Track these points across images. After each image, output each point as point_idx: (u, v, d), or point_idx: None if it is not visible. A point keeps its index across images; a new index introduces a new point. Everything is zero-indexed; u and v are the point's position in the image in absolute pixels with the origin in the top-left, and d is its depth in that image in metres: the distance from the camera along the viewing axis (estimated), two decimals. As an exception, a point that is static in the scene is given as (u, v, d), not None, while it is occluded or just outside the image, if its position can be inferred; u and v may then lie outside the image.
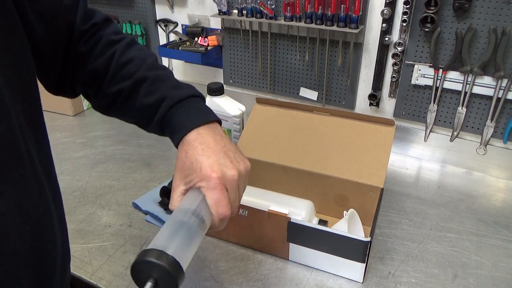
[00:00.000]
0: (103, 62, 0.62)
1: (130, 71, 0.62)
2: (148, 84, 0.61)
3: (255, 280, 0.80)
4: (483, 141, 1.13)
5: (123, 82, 0.61)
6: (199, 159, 0.54)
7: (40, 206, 0.49)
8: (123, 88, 0.61)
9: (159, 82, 0.62)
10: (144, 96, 0.61)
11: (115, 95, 0.62)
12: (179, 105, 0.60)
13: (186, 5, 1.45)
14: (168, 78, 0.63)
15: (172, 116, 0.59)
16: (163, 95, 0.60)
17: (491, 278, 0.81)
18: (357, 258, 0.77)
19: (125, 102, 0.62)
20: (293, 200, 0.89)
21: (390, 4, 1.09)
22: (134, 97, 0.61)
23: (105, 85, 0.63)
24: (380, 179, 0.88)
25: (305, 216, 0.83)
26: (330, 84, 1.30)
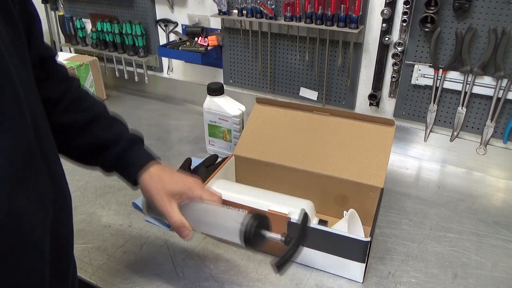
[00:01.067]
0: (58, 92, 0.65)
1: (86, 105, 0.67)
2: (106, 119, 0.69)
3: (255, 280, 0.80)
4: (483, 141, 1.13)
5: (78, 115, 0.66)
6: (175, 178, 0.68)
7: (56, 202, 0.51)
8: (78, 120, 0.66)
9: (115, 120, 0.70)
10: (101, 130, 0.67)
11: (66, 125, 0.65)
12: (136, 145, 0.70)
13: (186, 5, 1.45)
14: (122, 121, 0.72)
15: (132, 152, 0.68)
16: (121, 132, 0.68)
17: (491, 278, 0.81)
18: (357, 258, 0.77)
19: (77, 133, 0.66)
20: (293, 200, 0.89)
21: (390, 4, 1.09)
22: (90, 129, 0.66)
23: (55, 114, 0.64)
24: (380, 179, 0.88)
25: None
26: (330, 84, 1.30)
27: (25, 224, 0.45)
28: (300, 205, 0.86)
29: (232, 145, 1.17)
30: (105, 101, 1.62)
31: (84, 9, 1.66)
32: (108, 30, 1.55)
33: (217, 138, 1.20)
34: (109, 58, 1.67)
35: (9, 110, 0.42)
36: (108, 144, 0.67)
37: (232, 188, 0.92)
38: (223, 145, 1.20)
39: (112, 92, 1.71)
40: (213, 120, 1.17)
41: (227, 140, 1.18)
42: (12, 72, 0.43)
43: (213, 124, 1.18)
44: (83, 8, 1.66)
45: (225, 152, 1.20)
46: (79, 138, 0.66)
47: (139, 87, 1.70)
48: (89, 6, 1.64)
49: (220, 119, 1.15)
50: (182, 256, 0.86)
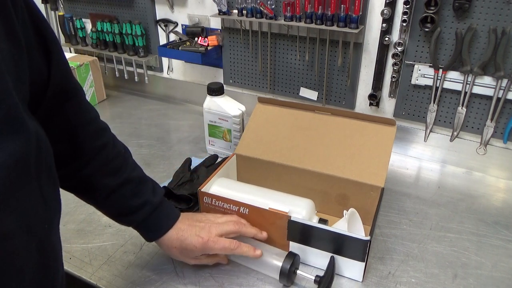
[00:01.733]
0: (94, 147, 0.67)
1: (117, 166, 0.71)
2: (134, 186, 0.72)
3: (255, 280, 0.80)
4: (483, 141, 1.13)
5: (110, 178, 0.69)
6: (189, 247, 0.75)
7: (45, 221, 0.49)
8: (109, 185, 0.69)
9: (143, 184, 0.74)
10: (129, 197, 0.71)
11: (96, 187, 0.68)
12: (160, 208, 0.75)
13: (186, 5, 1.45)
14: (143, 177, 0.76)
15: (152, 219, 0.74)
16: (146, 200, 0.73)
17: (491, 278, 0.81)
18: (356, 257, 0.77)
19: (105, 196, 0.70)
20: (293, 198, 0.89)
21: (390, 4, 1.09)
22: (117, 195, 0.70)
23: (87, 172, 0.67)
24: (381, 178, 0.88)
25: (305, 215, 0.83)
26: (330, 84, 1.30)
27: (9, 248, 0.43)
28: (301, 204, 0.86)
29: (232, 145, 1.17)
30: (105, 101, 1.62)
31: (84, 9, 1.66)
32: (108, 30, 1.55)
33: (217, 138, 1.20)
34: (109, 58, 1.67)
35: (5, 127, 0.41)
36: (133, 210, 0.72)
37: (233, 187, 0.92)
38: (223, 145, 1.20)
39: (112, 92, 1.71)
40: (213, 120, 1.17)
41: (227, 140, 1.18)
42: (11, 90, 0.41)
43: (213, 124, 1.18)
44: (83, 8, 1.66)
45: (225, 152, 1.20)
46: (105, 200, 0.70)
47: (139, 87, 1.70)
48: (89, 6, 1.64)
49: (220, 119, 1.15)
50: (182, 256, 0.85)
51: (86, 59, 1.55)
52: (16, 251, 0.44)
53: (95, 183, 0.68)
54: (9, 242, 0.42)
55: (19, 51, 0.46)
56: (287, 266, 0.76)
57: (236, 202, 0.84)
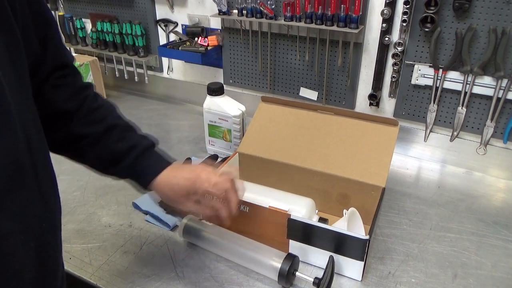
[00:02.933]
0: (75, 103, 0.66)
1: (101, 116, 0.68)
2: (120, 130, 0.70)
3: (255, 280, 0.80)
4: (483, 141, 1.13)
5: (94, 126, 0.67)
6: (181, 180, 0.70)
7: (44, 221, 0.49)
8: (94, 132, 0.67)
9: (130, 130, 0.71)
10: (116, 141, 0.68)
11: (82, 136, 0.66)
12: (149, 150, 0.71)
13: (186, 5, 1.45)
14: (135, 127, 0.73)
15: (142, 162, 0.70)
16: (135, 142, 0.69)
17: (491, 278, 0.81)
18: (356, 256, 0.77)
19: (92, 144, 0.67)
20: (293, 197, 0.89)
21: (390, 4, 1.09)
22: (103, 141, 0.68)
23: (73, 125, 0.66)
24: (382, 178, 0.88)
25: (305, 213, 0.84)
26: (330, 84, 1.30)
27: (5, 249, 0.42)
28: (301, 203, 0.86)
29: (232, 145, 1.17)
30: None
31: (84, 9, 1.66)
32: (108, 30, 1.55)
33: (217, 138, 1.20)
34: (109, 58, 1.67)
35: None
36: (121, 156, 0.68)
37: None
38: (223, 145, 1.20)
39: (112, 92, 1.71)
40: (213, 120, 1.17)
41: (227, 140, 1.18)
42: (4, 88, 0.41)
43: (213, 124, 1.18)
44: (83, 8, 1.66)
45: (225, 152, 1.20)
46: (93, 150, 0.68)
47: (139, 87, 1.70)
48: (89, 6, 1.64)
49: (220, 119, 1.15)
50: (182, 256, 0.85)
51: (86, 59, 1.55)
52: (13, 252, 0.43)
53: (80, 134, 0.66)
54: (6, 243, 0.42)
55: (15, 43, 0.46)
56: (286, 267, 0.75)
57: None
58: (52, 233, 0.52)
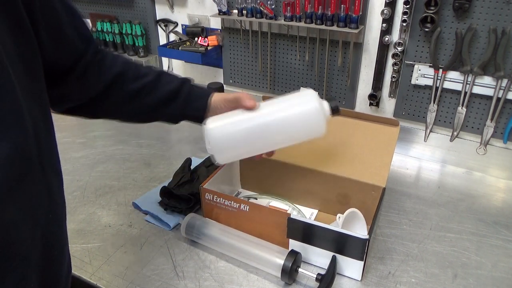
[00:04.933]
0: (120, 64, 0.72)
1: (147, 69, 0.76)
2: (167, 75, 0.77)
3: (255, 280, 0.80)
4: (483, 141, 1.13)
5: (145, 78, 0.74)
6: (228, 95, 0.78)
7: (50, 212, 0.50)
8: (147, 81, 0.74)
9: (173, 75, 0.79)
10: (167, 83, 0.76)
11: (139, 89, 0.73)
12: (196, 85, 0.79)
13: (186, 5, 1.45)
14: (172, 73, 0.81)
15: (196, 88, 0.79)
16: (183, 80, 0.78)
17: (491, 278, 0.81)
18: (356, 256, 0.77)
19: (149, 93, 0.74)
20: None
21: (390, 4, 1.09)
22: (157, 87, 0.75)
23: (127, 84, 0.72)
24: (382, 178, 0.88)
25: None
26: (330, 84, 1.30)
27: (14, 237, 0.44)
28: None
29: (232, 145, 1.17)
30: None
31: (84, 9, 1.66)
32: (108, 30, 1.55)
33: (217, 138, 1.20)
34: (109, 58, 1.67)
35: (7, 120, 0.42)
36: (176, 91, 0.76)
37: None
38: (223, 145, 1.20)
39: (112, 92, 1.71)
40: (213, 120, 1.17)
41: (227, 140, 1.18)
42: (14, 82, 0.43)
43: (213, 124, 1.17)
44: (83, 8, 1.66)
45: (225, 152, 1.20)
46: (151, 96, 0.74)
47: (139, 87, 1.70)
48: (89, 6, 1.64)
49: (220, 119, 1.15)
50: (182, 256, 0.86)
51: (86, 59, 1.55)
52: (21, 240, 0.45)
53: (136, 88, 0.73)
54: (14, 231, 0.44)
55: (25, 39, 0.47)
56: (289, 264, 0.76)
57: (236, 199, 0.85)
58: (57, 224, 0.53)
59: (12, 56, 0.44)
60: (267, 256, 0.79)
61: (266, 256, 0.79)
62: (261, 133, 0.72)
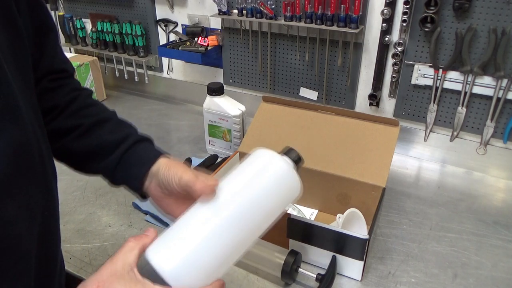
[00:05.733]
0: (66, 99, 0.63)
1: (93, 112, 0.64)
2: (113, 123, 0.64)
3: (255, 280, 0.80)
4: (483, 141, 1.13)
5: (84, 119, 0.62)
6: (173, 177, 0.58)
7: (46, 209, 0.50)
8: (83, 123, 0.62)
9: (123, 125, 0.65)
10: (106, 133, 0.62)
11: (70, 129, 0.62)
12: (145, 142, 0.63)
13: (186, 5, 1.45)
14: (130, 123, 0.66)
15: (140, 149, 0.62)
16: (128, 133, 0.63)
17: (491, 278, 0.81)
18: (356, 256, 0.77)
19: (80, 136, 0.62)
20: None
21: (390, 4, 1.09)
22: (92, 132, 0.62)
23: (60, 119, 0.62)
24: (382, 178, 0.88)
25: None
26: (330, 84, 1.30)
27: (13, 233, 0.44)
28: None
29: (232, 145, 1.17)
30: (105, 101, 1.62)
31: (84, 9, 1.66)
32: (108, 30, 1.55)
33: (217, 138, 1.20)
34: (109, 58, 1.67)
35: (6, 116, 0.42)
36: (113, 145, 0.62)
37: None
38: (223, 145, 1.20)
39: (112, 92, 1.71)
40: (213, 120, 1.17)
41: (227, 140, 1.18)
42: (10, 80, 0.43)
43: (213, 124, 1.18)
44: (83, 8, 1.66)
45: (225, 152, 1.20)
46: (82, 141, 0.62)
47: (139, 87, 1.70)
48: (89, 6, 1.64)
49: (220, 119, 1.16)
50: (182, 256, 0.85)
51: (86, 59, 1.55)
52: (20, 236, 0.45)
53: (69, 127, 0.62)
54: (13, 227, 0.44)
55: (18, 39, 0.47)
56: (289, 263, 0.76)
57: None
58: (53, 222, 0.53)
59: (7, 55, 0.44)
60: (267, 256, 0.79)
61: (266, 256, 0.79)
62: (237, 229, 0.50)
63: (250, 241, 0.52)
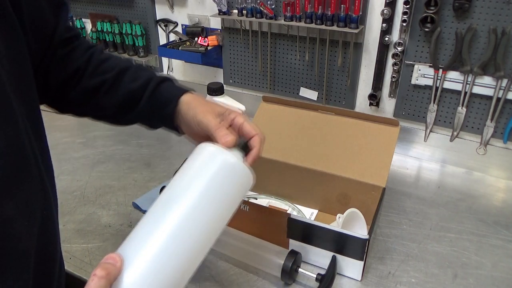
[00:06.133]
0: (84, 59, 0.65)
1: (111, 65, 0.66)
2: (133, 71, 0.66)
3: (255, 280, 0.80)
4: (483, 141, 1.13)
5: (106, 74, 0.65)
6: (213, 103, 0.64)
7: (45, 208, 0.50)
8: (106, 78, 0.64)
9: (142, 70, 0.67)
10: (130, 82, 0.65)
11: (97, 86, 0.64)
12: (166, 82, 0.66)
13: (186, 5, 1.45)
14: (145, 68, 0.68)
15: (162, 89, 0.65)
16: (149, 77, 0.65)
17: (491, 278, 0.81)
18: (356, 256, 0.77)
19: (107, 91, 0.65)
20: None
21: (390, 4, 1.09)
22: (117, 85, 0.65)
23: (85, 79, 0.64)
24: (382, 178, 0.88)
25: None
26: (330, 84, 1.30)
27: (12, 232, 0.44)
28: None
29: (232, 145, 1.17)
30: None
31: (84, 9, 1.66)
32: (108, 30, 1.55)
33: (217, 138, 1.20)
34: (109, 58, 1.67)
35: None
36: (139, 92, 0.64)
37: None
38: (223, 145, 1.20)
39: (112, 92, 1.71)
40: (213, 120, 1.17)
41: (227, 140, 1.18)
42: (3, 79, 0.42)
43: (213, 124, 1.17)
44: (83, 8, 1.66)
45: (225, 152, 1.20)
46: (110, 97, 0.65)
47: (139, 87, 1.70)
48: (89, 6, 1.64)
49: (220, 119, 1.15)
50: (182, 256, 0.85)
51: (86, 59, 1.55)
52: (18, 235, 0.45)
53: (94, 86, 0.64)
54: (12, 226, 0.44)
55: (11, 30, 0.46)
56: (289, 264, 0.76)
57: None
58: (51, 220, 0.53)
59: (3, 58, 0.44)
60: (267, 256, 0.79)
61: (266, 256, 0.79)
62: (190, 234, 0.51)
63: (209, 242, 0.54)
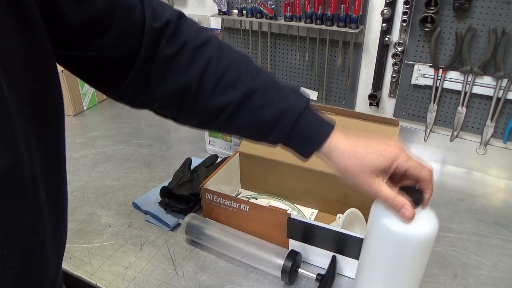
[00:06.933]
0: (197, 73, 0.55)
1: (232, 79, 0.56)
2: (260, 95, 0.57)
3: (255, 280, 0.80)
4: (483, 141, 1.13)
5: (229, 93, 0.56)
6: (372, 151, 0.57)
7: (35, 234, 0.44)
8: (231, 100, 0.56)
9: (270, 90, 0.58)
10: (259, 108, 0.57)
11: (220, 108, 0.57)
12: (302, 117, 0.57)
13: (186, 5, 1.45)
14: (274, 82, 0.59)
15: (300, 128, 0.57)
16: (282, 107, 0.57)
17: (491, 278, 0.81)
18: (355, 256, 0.77)
19: (233, 115, 0.57)
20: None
21: (390, 4, 1.09)
22: (245, 109, 0.57)
23: (202, 99, 0.56)
24: None
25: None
26: (330, 84, 1.30)
27: None
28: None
29: (232, 145, 1.17)
30: (105, 101, 1.62)
31: (84, 9, 1.65)
32: (108, 30, 1.55)
33: (217, 138, 1.20)
34: (109, 58, 1.67)
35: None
36: (270, 124, 0.57)
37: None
38: (223, 145, 1.20)
39: (112, 92, 1.71)
40: (213, 120, 1.17)
41: (227, 140, 1.18)
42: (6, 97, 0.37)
43: (213, 124, 1.18)
44: (83, 8, 1.66)
45: (225, 152, 1.20)
46: (232, 122, 0.58)
47: (139, 87, 1.70)
48: (89, 6, 1.64)
49: (220, 119, 1.15)
50: (182, 256, 0.86)
51: (86, 59, 1.55)
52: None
53: (215, 107, 0.56)
54: None
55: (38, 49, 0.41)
56: (289, 264, 0.76)
57: (237, 199, 0.85)
58: (43, 252, 0.47)
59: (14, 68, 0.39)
60: (267, 256, 0.79)
61: (266, 256, 0.79)
62: None
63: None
